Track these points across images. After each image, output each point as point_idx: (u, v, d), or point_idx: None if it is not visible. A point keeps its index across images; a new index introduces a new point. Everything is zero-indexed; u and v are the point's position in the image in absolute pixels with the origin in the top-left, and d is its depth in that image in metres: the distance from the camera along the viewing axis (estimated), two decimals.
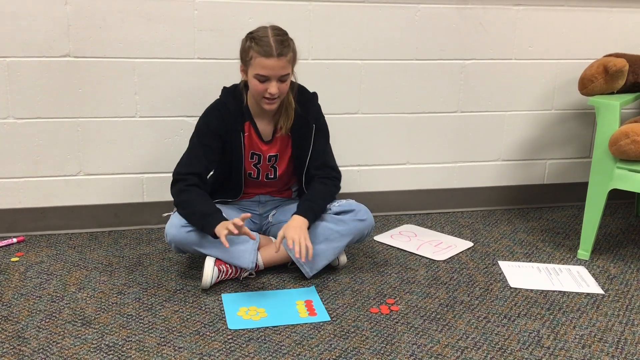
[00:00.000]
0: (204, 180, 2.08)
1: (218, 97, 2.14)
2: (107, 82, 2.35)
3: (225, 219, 1.97)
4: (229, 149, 2.10)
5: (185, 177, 2.04)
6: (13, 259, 2.22)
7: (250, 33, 2.00)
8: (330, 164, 2.19)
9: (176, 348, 1.71)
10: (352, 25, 2.49)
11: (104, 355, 1.67)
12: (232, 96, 2.11)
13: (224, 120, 2.07)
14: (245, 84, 2.09)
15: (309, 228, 2.04)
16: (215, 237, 1.96)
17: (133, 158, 2.45)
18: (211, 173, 2.19)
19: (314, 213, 2.07)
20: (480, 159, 2.79)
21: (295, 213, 2.05)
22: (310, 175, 2.17)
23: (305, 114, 2.12)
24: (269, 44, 1.93)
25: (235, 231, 1.90)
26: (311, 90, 2.18)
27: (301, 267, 2.09)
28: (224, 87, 2.16)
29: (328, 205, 2.16)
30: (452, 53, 2.62)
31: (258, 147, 2.14)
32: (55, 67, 2.29)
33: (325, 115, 2.20)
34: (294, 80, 2.10)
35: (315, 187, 2.14)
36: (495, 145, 2.79)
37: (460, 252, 2.39)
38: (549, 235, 2.58)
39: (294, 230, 1.98)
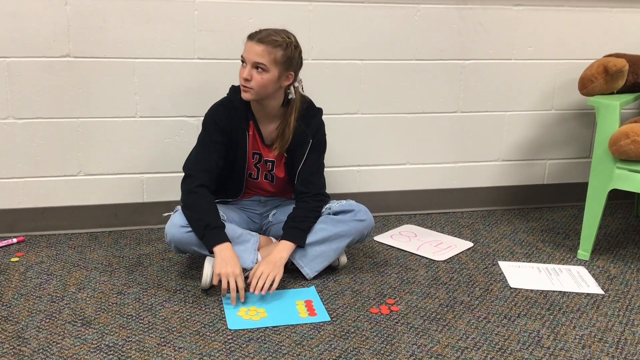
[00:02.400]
0: (213, 178, 2.08)
1: (225, 95, 2.15)
2: (107, 82, 2.35)
3: (227, 238, 1.99)
4: (233, 146, 2.11)
5: (196, 174, 2.05)
6: (13, 259, 2.22)
7: None
8: (317, 180, 2.16)
9: (176, 348, 1.71)
10: (352, 25, 2.49)
11: (104, 355, 1.67)
12: (239, 95, 2.11)
13: (231, 117, 2.08)
14: None
15: (300, 246, 2.06)
16: (211, 252, 1.98)
17: (133, 158, 2.45)
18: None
19: (300, 230, 2.07)
20: (480, 159, 2.79)
21: (280, 238, 2.06)
22: (297, 192, 2.16)
23: (305, 127, 2.12)
24: (258, 30, 2.00)
25: (233, 294, 1.92)
26: (310, 91, 2.19)
27: (301, 269, 2.09)
28: (232, 86, 2.16)
29: (328, 205, 2.16)
30: (452, 53, 2.62)
31: (259, 148, 2.15)
32: (55, 67, 2.29)
33: (325, 116, 2.20)
34: (294, 92, 2.10)
35: (296, 207, 2.13)
36: (495, 145, 2.79)
37: (460, 253, 2.39)
38: (549, 235, 2.59)
39: (267, 265, 1.98)
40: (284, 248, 2.04)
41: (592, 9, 2.68)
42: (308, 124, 2.13)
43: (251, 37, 1.99)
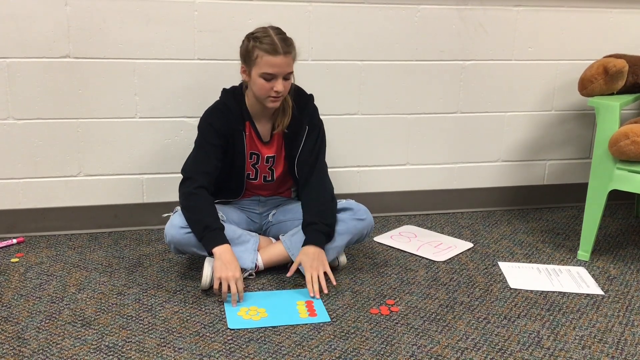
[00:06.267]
0: (211, 180, 2.08)
1: (218, 99, 2.15)
2: (107, 83, 2.35)
3: (226, 240, 1.99)
4: (231, 149, 2.11)
5: (195, 175, 2.05)
6: (13, 260, 2.22)
7: (251, 33, 2.01)
8: (319, 160, 2.15)
9: (176, 349, 1.71)
10: (352, 26, 2.49)
11: (104, 356, 1.66)
12: (232, 97, 2.12)
13: (227, 120, 2.08)
14: (245, 85, 2.09)
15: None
16: (210, 254, 1.98)
17: (133, 159, 2.45)
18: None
19: (323, 234, 2.05)
20: (480, 159, 2.79)
21: (303, 244, 2.04)
22: (303, 178, 2.14)
23: (300, 115, 2.12)
24: (274, 42, 1.95)
25: (234, 297, 1.93)
26: (310, 91, 2.19)
27: (301, 268, 2.09)
28: (224, 89, 2.16)
29: None
30: (452, 54, 2.62)
31: (257, 147, 2.15)
32: (55, 67, 2.29)
33: (325, 116, 2.21)
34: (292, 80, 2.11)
35: (312, 201, 2.09)
36: (495, 146, 2.79)
37: (460, 253, 2.39)
38: (549, 236, 2.58)
39: (308, 258, 1.97)
40: (312, 245, 2.02)
41: (592, 10, 2.68)
42: (302, 111, 2.13)
43: (275, 52, 1.94)
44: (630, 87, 2.44)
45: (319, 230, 2.04)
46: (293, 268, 2.02)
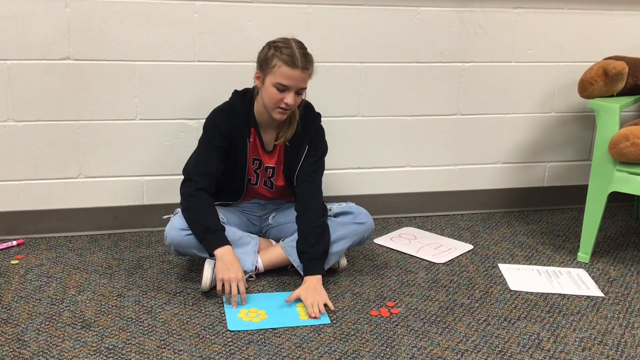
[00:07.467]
0: (212, 182, 2.08)
1: (227, 100, 2.14)
2: (107, 85, 2.35)
3: (227, 241, 1.99)
4: (234, 152, 2.11)
5: (196, 177, 2.04)
6: (13, 262, 2.22)
7: (273, 42, 2.00)
8: (315, 180, 2.12)
9: (176, 351, 1.71)
10: (351, 27, 2.49)
11: (104, 358, 1.66)
12: (242, 101, 2.11)
13: (232, 123, 2.08)
14: (257, 91, 2.09)
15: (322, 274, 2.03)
16: (212, 255, 1.98)
17: (133, 161, 2.45)
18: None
19: (318, 260, 2.02)
20: (480, 161, 2.79)
21: (304, 273, 2.02)
22: (299, 196, 2.11)
23: (303, 132, 2.12)
24: (294, 54, 1.95)
25: (235, 298, 1.93)
26: (310, 93, 2.18)
27: (301, 271, 2.09)
28: (235, 90, 2.16)
29: (328, 207, 2.15)
30: (452, 56, 2.62)
31: (259, 155, 2.15)
32: (55, 69, 2.29)
33: (325, 118, 2.20)
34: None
35: (305, 232, 2.05)
36: (495, 147, 2.79)
37: (460, 255, 2.39)
38: (549, 237, 2.58)
39: (309, 293, 1.94)
40: (311, 275, 2.00)
41: (592, 12, 2.68)
42: (306, 128, 2.13)
43: (293, 64, 1.93)
44: (630, 89, 2.44)
45: (313, 257, 2.02)
46: (292, 297, 1.96)
